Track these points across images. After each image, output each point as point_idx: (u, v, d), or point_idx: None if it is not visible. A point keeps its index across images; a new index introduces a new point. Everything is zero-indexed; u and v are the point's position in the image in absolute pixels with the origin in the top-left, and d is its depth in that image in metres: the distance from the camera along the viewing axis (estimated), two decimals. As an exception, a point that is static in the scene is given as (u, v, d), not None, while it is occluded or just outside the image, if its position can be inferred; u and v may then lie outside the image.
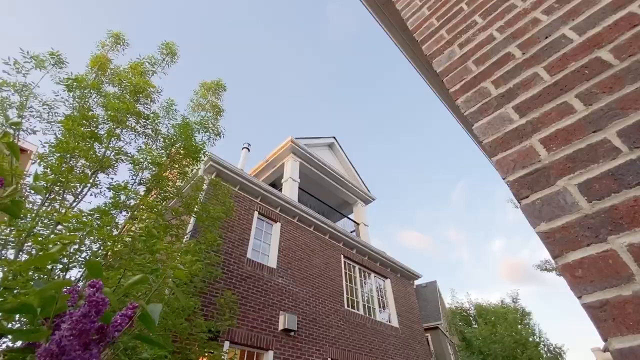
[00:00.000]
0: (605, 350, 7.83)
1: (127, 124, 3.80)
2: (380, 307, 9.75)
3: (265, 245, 7.68)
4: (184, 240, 4.33)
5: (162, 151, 4.12)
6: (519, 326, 14.23)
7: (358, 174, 12.92)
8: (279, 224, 8.17)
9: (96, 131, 3.64)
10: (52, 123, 3.60)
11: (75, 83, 3.53)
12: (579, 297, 0.64)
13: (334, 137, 13.01)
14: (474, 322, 15.60)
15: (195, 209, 4.43)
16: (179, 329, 3.20)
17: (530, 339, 13.44)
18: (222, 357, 4.16)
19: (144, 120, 3.94)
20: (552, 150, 0.80)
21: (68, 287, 0.63)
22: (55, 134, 3.58)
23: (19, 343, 0.67)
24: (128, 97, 3.81)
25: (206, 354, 3.81)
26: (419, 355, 9.52)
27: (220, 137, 4.79)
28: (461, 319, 14.93)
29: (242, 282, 6.35)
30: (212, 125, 4.62)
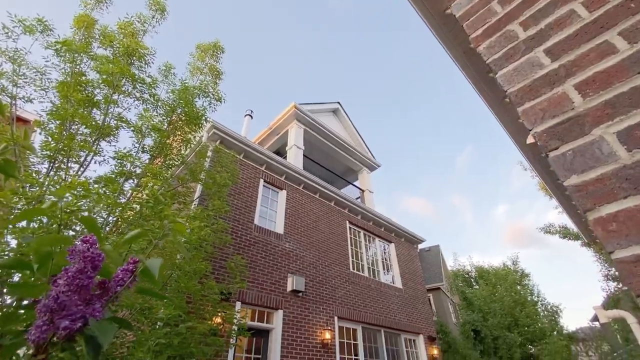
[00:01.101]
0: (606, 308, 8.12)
1: (123, 89, 3.67)
2: (384, 269, 10.08)
3: (271, 212, 7.79)
4: (191, 207, 4.38)
5: (163, 118, 4.03)
6: (518, 287, 14.73)
7: (363, 141, 12.73)
8: (284, 192, 8.22)
9: (92, 97, 3.54)
10: (47, 90, 3.49)
11: (64, 47, 3.36)
12: (611, 252, 0.60)
13: (339, 103, 12.64)
14: (474, 284, 16.18)
15: (201, 177, 4.42)
16: (192, 290, 3.33)
17: (529, 299, 13.95)
18: (235, 315, 4.38)
19: (140, 85, 3.80)
20: (588, 97, 0.72)
21: (69, 247, 0.60)
22: (51, 101, 3.49)
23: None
24: (121, 59, 3.64)
25: (219, 314, 3.99)
26: (421, 313, 9.99)
27: (221, 102, 4.65)
28: (463, 281, 15.48)
29: (250, 247, 6.52)
30: (212, 90, 4.46)
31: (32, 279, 0.63)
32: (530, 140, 4.33)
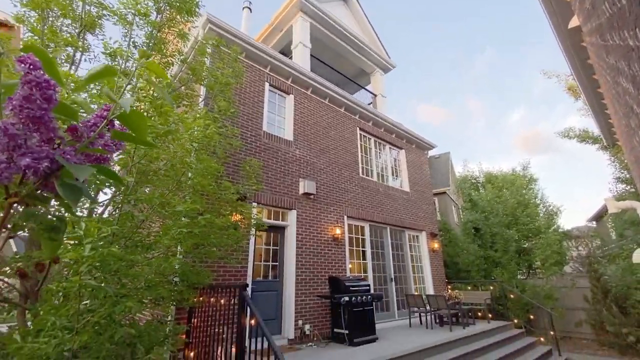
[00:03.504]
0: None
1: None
2: (393, 175, 10.31)
3: (280, 118, 7.57)
4: (197, 110, 4.21)
5: (151, 2, 3.49)
6: (524, 191, 15.14)
7: (377, 37, 11.38)
8: (291, 96, 7.82)
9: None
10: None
11: None
12: None
13: (350, -11, 10.85)
14: (481, 189, 16.69)
15: (202, 75, 4.10)
16: (207, 189, 3.45)
17: (532, 202, 14.48)
18: (252, 213, 4.67)
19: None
20: None
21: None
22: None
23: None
24: None
25: (237, 211, 4.25)
26: (425, 213, 10.62)
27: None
28: (470, 186, 15.95)
29: (261, 153, 6.57)
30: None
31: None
32: (573, 23, 3.67)
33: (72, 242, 2.02)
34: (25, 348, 1.87)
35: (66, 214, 0.79)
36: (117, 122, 0.59)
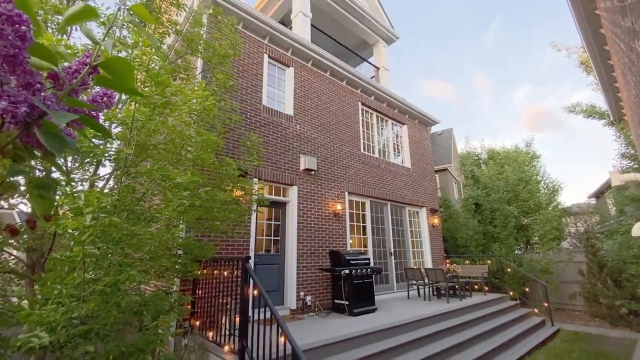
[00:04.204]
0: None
1: None
2: (395, 151, 10.22)
3: (279, 92, 7.40)
4: (194, 82, 4.09)
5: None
6: (526, 167, 15.07)
7: (380, 4, 10.87)
8: (291, 69, 7.59)
9: None
10: None
11: None
12: None
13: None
14: (483, 166, 16.61)
15: (199, 47, 3.95)
16: (207, 164, 3.42)
17: (534, 178, 14.43)
18: (253, 189, 4.67)
19: None
20: None
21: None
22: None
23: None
24: None
25: (239, 187, 4.24)
26: (426, 189, 10.64)
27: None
28: (472, 163, 15.85)
29: (261, 128, 6.48)
30: None
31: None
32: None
33: (73, 213, 2.03)
34: (34, 315, 1.93)
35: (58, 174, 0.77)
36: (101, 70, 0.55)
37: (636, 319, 7.55)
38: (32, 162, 0.67)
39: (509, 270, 9.75)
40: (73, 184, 2.88)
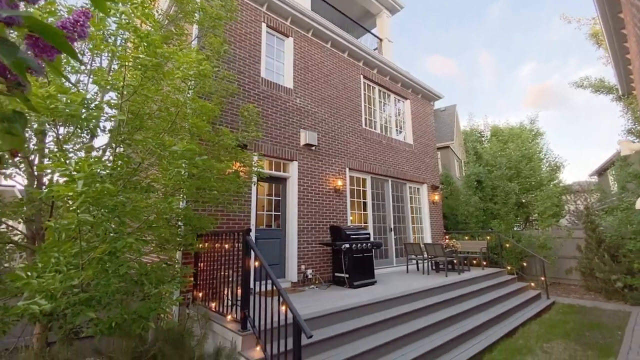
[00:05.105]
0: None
1: None
2: (397, 127, 10.03)
3: (279, 64, 7.14)
4: (188, 47, 3.90)
5: None
6: (529, 143, 14.92)
7: (385, -28, 10.28)
8: (291, 39, 7.28)
9: None
10: None
11: None
12: None
13: None
14: (486, 143, 16.42)
15: (191, 9, 3.72)
16: (204, 133, 3.32)
17: (536, 156, 14.31)
18: (253, 162, 4.58)
19: None
20: None
21: None
22: None
23: None
24: None
25: (237, 159, 4.15)
26: (428, 166, 10.55)
27: None
28: (475, 139, 15.66)
29: (260, 101, 6.30)
30: None
31: None
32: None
33: (66, 180, 1.96)
34: (32, 283, 1.91)
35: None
36: None
37: (631, 293, 7.70)
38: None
39: (507, 245, 9.86)
40: (69, 154, 2.80)
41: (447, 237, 10.29)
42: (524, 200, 12.64)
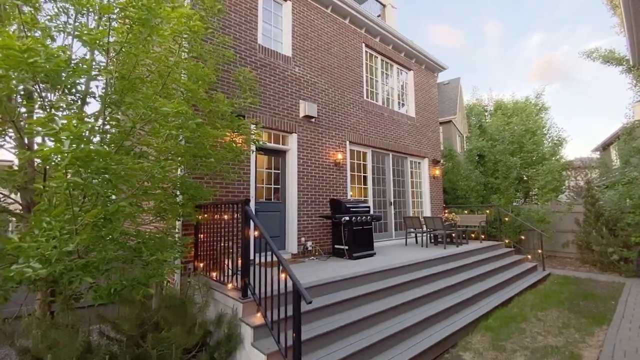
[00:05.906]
0: None
1: None
2: (399, 99, 9.76)
3: (276, 30, 6.79)
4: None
5: None
6: (534, 117, 14.64)
7: None
8: (289, 3, 6.88)
9: None
10: None
11: None
12: None
13: None
14: (489, 117, 16.11)
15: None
16: (197, 98, 3.16)
17: (540, 130, 14.08)
18: (251, 132, 4.42)
19: None
20: None
21: None
22: None
23: None
24: None
25: (233, 127, 4.00)
26: (429, 140, 10.39)
27: None
28: (479, 113, 15.33)
29: (257, 70, 6.04)
30: None
31: None
32: None
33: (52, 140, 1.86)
34: (24, 247, 1.86)
35: None
36: None
37: (626, 265, 7.82)
38: None
39: (506, 219, 9.90)
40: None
41: (446, 211, 10.32)
42: (524, 177, 12.58)
